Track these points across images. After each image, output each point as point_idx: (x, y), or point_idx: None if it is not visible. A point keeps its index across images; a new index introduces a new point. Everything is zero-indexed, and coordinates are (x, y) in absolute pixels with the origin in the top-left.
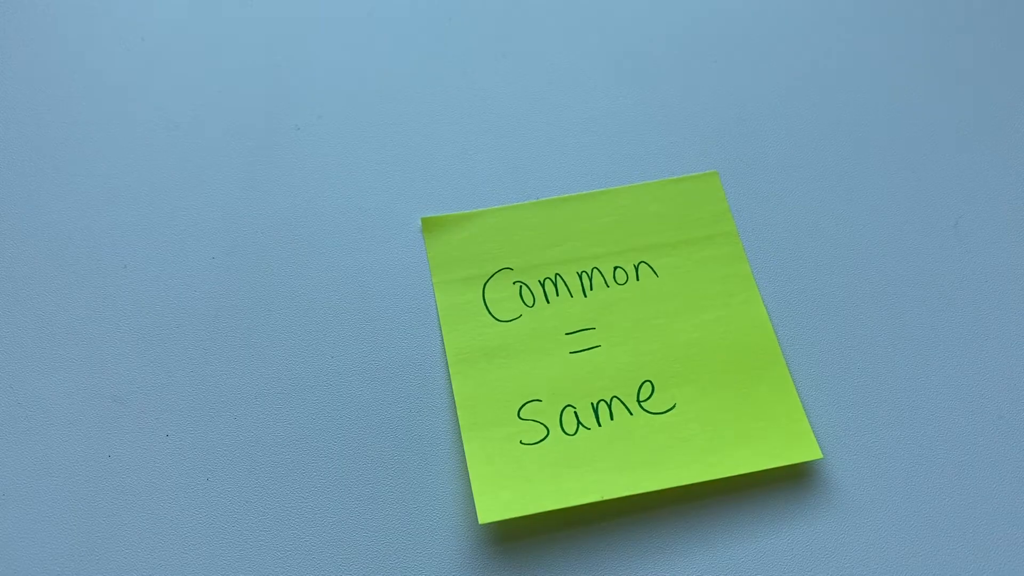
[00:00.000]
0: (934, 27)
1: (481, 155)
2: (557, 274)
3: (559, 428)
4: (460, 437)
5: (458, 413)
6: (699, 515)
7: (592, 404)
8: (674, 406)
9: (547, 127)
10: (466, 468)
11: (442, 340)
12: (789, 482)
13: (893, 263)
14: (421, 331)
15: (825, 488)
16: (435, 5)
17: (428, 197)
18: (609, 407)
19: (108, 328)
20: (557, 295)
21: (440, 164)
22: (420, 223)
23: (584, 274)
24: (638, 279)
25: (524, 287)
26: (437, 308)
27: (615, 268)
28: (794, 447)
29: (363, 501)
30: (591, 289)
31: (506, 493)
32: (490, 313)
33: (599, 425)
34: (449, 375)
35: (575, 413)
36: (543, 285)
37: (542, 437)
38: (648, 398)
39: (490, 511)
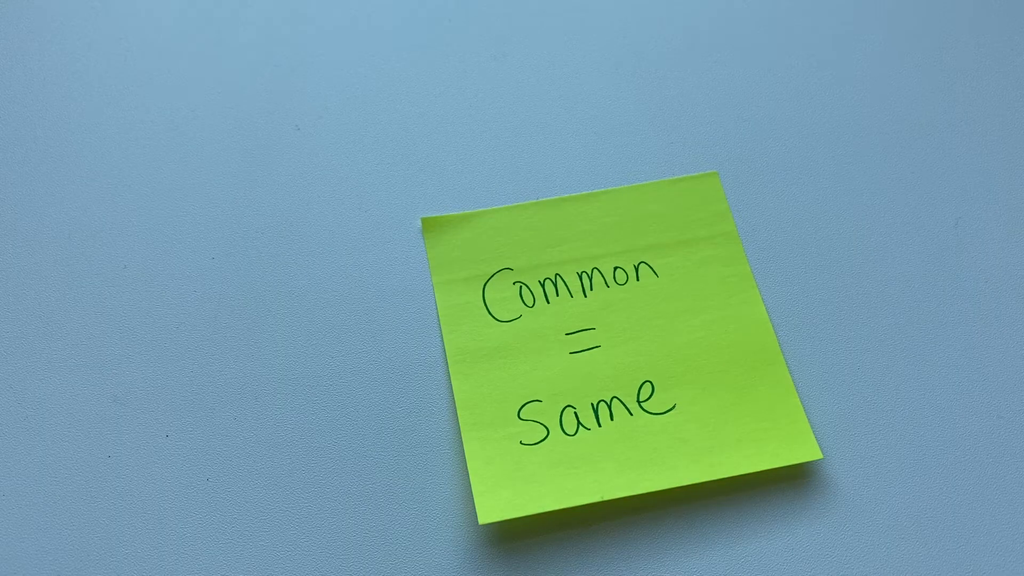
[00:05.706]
0: (934, 26)
1: (481, 155)
2: (557, 274)
3: (559, 428)
4: (460, 437)
5: (458, 413)
6: (699, 515)
7: (592, 404)
8: (674, 406)
9: (547, 127)
10: (466, 468)
11: (442, 340)
12: (789, 482)
13: (893, 263)
14: (421, 331)
15: (825, 488)
16: (434, 5)
17: (428, 197)
18: (609, 407)
19: (108, 328)
20: (557, 295)
21: (440, 164)
22: (420, 223)
23: (584, 274)
24: (638, 279)
25: (524, 287)
26: (437, 308)
27: (615, 268)
28: (794, 447)
29: (363, 501)
30: (591, 289)
31: (506, 493)
32: (490, 313)
33: (599, 425)
34: (449, 375)
35: (575, 413)
36: (543, 285)
37: (542, 437)
38: (648, 398)
39: (490, 511)
